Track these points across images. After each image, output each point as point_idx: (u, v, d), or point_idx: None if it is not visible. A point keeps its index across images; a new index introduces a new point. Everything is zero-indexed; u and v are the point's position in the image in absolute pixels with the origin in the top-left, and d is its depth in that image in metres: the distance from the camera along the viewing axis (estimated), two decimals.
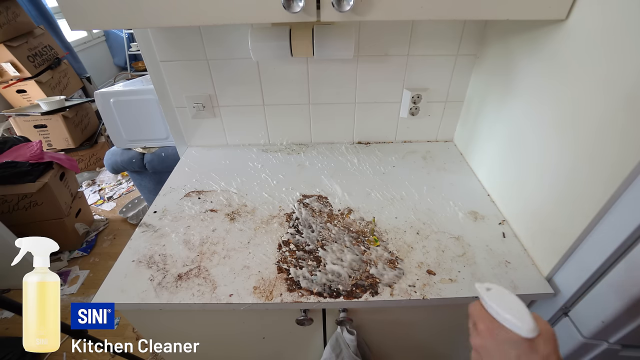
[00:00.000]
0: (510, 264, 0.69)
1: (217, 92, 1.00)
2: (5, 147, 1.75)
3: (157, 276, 0.68)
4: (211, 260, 0.71)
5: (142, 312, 0.68)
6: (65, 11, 0.58)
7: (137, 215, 2.04)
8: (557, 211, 0.62)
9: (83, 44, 3.16)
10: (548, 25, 0.63)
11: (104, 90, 1.31)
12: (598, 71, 0.53)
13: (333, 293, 0.64)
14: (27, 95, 2.36)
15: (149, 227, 0.80)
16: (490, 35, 0.86)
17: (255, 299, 0.63)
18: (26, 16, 2.32)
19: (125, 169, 1.51)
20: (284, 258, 0.71)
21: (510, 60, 0.77)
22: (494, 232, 0.77)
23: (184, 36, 0.89)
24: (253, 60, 0.92)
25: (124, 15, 0.58)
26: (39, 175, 1.63)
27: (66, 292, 1.61)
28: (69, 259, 1.79)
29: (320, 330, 0.77)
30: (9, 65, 2.19)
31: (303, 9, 0.56)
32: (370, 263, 0.69)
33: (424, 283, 0.65)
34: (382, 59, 0.94)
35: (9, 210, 1.61)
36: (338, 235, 0.76)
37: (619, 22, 0.49)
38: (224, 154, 1.08)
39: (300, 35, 0.80)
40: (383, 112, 1.05)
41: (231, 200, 0.88)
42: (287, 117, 1.07)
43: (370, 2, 0.57)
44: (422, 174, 0.97)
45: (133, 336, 1.42)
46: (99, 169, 2.52)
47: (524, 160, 0.73)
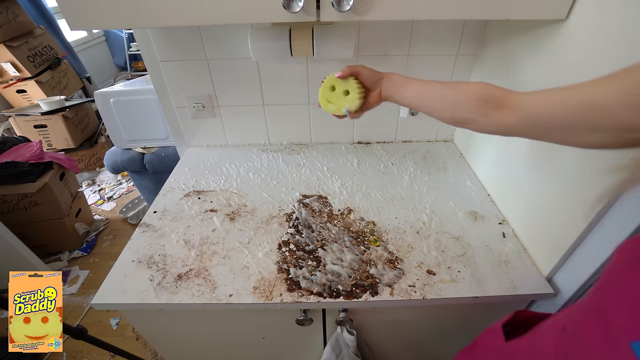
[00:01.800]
0: (510, 264, 0.69)
1: (217, 92, 1.00)
2: (5, 147, 1.75)
3: (157, 276, 0.68)
4: (211, 260, 0.71)
5: (142, 312, 0.68)
6: (65, 11, 0.58)
7: (137, 215, 2.04)
8: (557, 211, 0.62)
9: (83, 44, 3.16)
10: (548, 25, 0.63)
11: (104, 90, 1.31)
12: (598, 71, 0.53)
13: (333, 293, 0.64)
14: (27, 95, 2.36)
15: (149, 227, 0.80)
16: (490, 35, 0.86)
17: (255, 299, 0.63)
18: (26, 16, 2.32)
19: (125, 169, 1.51)
20: (284, 258, 0.71)
21: (510, 60, 0.77)
22: (494, 232, 0.77)
23: (184, 36, 0.89)
24: (253, 60, 0.92)
25: (124, 15, 0.58)
26: (39, 175, 1.63)
27: (66, 292, 1.61)
28: (69, 259, 1.79)
29: (320, 330, 0.77)
30: (9, 65, 2.19)
31: (303, 8, 0.56)
32: (370, 263, 0.69)
33: (424, 283, 0.65)
34: (382, 59, 0.94)
35: (9, 210, 1.61)
36: (338, 235, 0.76)
37: (619, 22, 0.49)
38: (224, 154, 1.08)
39: (300, 35, 0.80)
40: (383, 112, 1.05)
41: (231, 200, 0.88)
42: (287, 117, 1.07)
43: (370, 2, 0.57)
44: (422, 174, 0.97)
45: (133, 336, 1.42)
46: (99, 169, 2.52)
47: (524, 160, 0.73)
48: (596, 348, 0.29)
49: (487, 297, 0.63)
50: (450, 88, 0.51)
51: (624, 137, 0.33)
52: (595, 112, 0.34)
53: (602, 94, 0.33)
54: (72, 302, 1.57)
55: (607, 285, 0.30)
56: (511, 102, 0.44)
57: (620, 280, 0.29)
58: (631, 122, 0.31)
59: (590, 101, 0.34)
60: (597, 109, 0.34)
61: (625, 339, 0.25)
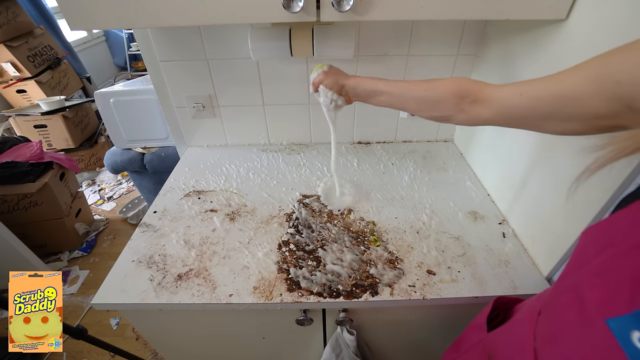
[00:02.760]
0: (510, 263, 0.69)
1: (217, 92, 1.00)
2: (5, 147, 1.75)
3: (157, 276, 0.68)
4: (211, 260, 0.71)
5: (142, 312, 0.68)
6: (65, 11, 0.58)
7: (137, 215, 2.04)
8: (557, 211, 0.62)
9: (83, 44, 3.15)
10: (548, 25, 0.63)
11: (104, 90, 1.31)
12: None
13: (333, 293, 0.64)
14: (27, 95, 2.36)
15: (149, 227, 0.80)
16: (490, 35, 0.86)
17: (255, 299, 0.63)
18: (26, 16, 2.32)
19: (125, 169, 1.51)
20: (284, 258, 0.71)
21: (510, 60, 0.77)
22: (494, 232, 0.77)
23: (184, 36, 0.89)
24: (253, 60, 0.92)
25: (124, 15, 0.58)
26: (39, 175, 1.63)
27: (66, 292, 1.61)
28: (69, 259, 1.79)
29: (320, 330, 0.77)
30: (9, 65, 2.19)
31: (303, 8, 0.56)
32: (370, 263, 0.69)
33: (424, 283, 0.65)
34: (382, 59, 0.94)
35: (9, 210, 1.61)
36: (338, 235, 0.76)
37: (619, 22, 0.49)
38: (224, 154, 1.08)
39: (300, 35, 0.80)
40: (383, 112, 1.05)
41: (231, 200, 0.88)
42: (287, 117, 1.07)
43: (370, 2, 0.57)
44: (422, 174, 0.97)
45: (133, 336, 1.42)
46: (99, 169, 2.52)
47: (524, 160, 0.73)
48: (572, 328, 0.30)
49: (487, 297, 0.63)
50: (425, 89, 0.52)
51: (595, 125, 0.34)
52: (568, 103, 0.35)
53: (573, 84, 0.34)
54: (72, 302, 1.57)
55: (579, 267, 0.31)
56: (486, 95, 0.45)
57: (592, 262, 0.30)
58: (602, 111, 0.32)
59: (563, 92, 0.35)
60: (569, 99, 0.35)
61: (601, 316, 0.26)
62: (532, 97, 0.39)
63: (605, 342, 0.25)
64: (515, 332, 0.40)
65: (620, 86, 0.30)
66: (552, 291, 0.35)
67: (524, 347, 0.36)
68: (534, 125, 0.41)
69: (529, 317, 0.38)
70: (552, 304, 0.34)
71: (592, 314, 0.27)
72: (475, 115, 0.46)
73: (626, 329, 0.24)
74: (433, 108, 0.51)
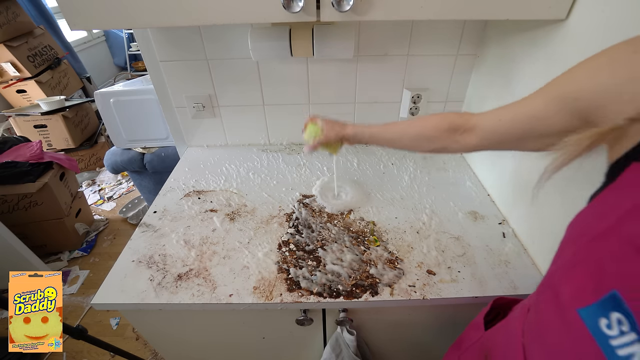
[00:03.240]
0: (510, 263, 0.69)
1: (217, 92, 1.00)
2: (5, 147, 1.75)
3: (157, 276, 0.68)
4: (211, 260, 0.71)
5: (142, 312, 0.68)
6: (65, 11, 0.58)
7: (137, 215, 2.04)
8: (556, 211, 0.62)
9: (83, 44, 3.15)
10: (548, 25, 0.63)
11: (104, 90, 1.31)
12: None
13: (333, 293, 0.64)
14: (27, 95, 2.36)
15: (149, 227, 0.80)
16: (490, 35, 0.86)
17: (255, 299, 0.63)
18: (26, 16, 2.32)
19: (125, 169, 1.51)
20: (284, 258, 0.71)
21: (510, 60, 0.77)
22: (494, 232, 0.77)
23: (184, 36, 0.89)
24: (253, 60, 0.92)
25: (124, 15, 0.58)
26: (39, 175, 1.63)
27: (66, 292, 1.61)
28: (69, 259, 1.79)
29: (320, 330, 0.77)
30: (9, 65, 2.19)
31: (303, 8, 0.56)
32: (370, 263, 0.69)
33: (424, 283, 0.65)
34: (382, 59, 0.94)
35: (9, 210, 1.61)
36: (338, 235, 0.76)
37: (619, 22, 0.49)
38: (224, 154, 1.08)
39: (300, 35, 0.80)
40: (383, 112, 1.05)
41: (231, 200, 0.88)
42: (287, 117, 1.07)
43: (370, 2, 0.57)
44: (422, 174, 0.97)
45: (133, 336, 1.42)
46: (99, 169, 2.52)
47: (524, 160, 0.73)
48: (551, 321, 0.31)
49: (487, 297, 0.63)
50: (417, 128, 0.58)
51: (564, 139, 0.37)
52: (538, 122, 0.40)
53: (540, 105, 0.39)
54: (72, 302, 1.57)
55: (555, 261, 0.33)
56: (472, 125, 0.50)
57: (564, 255, 0.32)
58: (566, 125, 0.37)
59: (532, 113, 0.40)
60: (538, 119, 0.40)
61: (573, 307, 0.27)
62: (509, 121, 0.44)
63: (580, 333, 0.26)
64: (509, 329, 0.42)
65: (578, 102, 0.34)
66: (539, 287, 0.37)
67: (515, 344, 0.37)
68: (514, 146, 0.46)
69: (520, 315, 0.39)
70: (537, 301, 0.36)
71: (566, 306, 0.28)
72: (465, 143, 0.52)
73: (594, 317, 0.25)
74: (431, 142, 0.56)
